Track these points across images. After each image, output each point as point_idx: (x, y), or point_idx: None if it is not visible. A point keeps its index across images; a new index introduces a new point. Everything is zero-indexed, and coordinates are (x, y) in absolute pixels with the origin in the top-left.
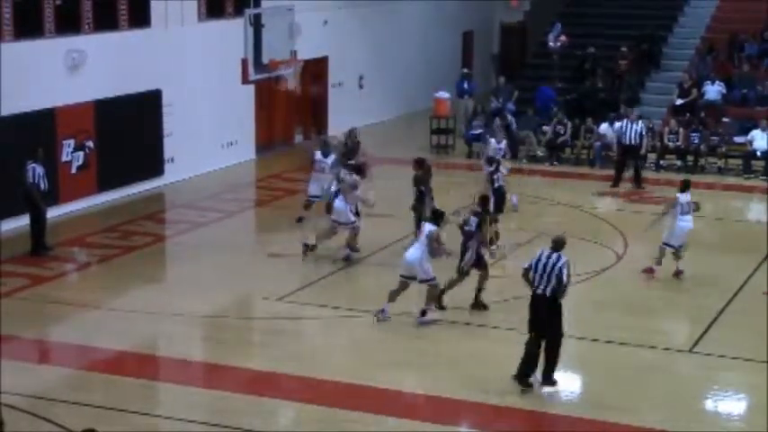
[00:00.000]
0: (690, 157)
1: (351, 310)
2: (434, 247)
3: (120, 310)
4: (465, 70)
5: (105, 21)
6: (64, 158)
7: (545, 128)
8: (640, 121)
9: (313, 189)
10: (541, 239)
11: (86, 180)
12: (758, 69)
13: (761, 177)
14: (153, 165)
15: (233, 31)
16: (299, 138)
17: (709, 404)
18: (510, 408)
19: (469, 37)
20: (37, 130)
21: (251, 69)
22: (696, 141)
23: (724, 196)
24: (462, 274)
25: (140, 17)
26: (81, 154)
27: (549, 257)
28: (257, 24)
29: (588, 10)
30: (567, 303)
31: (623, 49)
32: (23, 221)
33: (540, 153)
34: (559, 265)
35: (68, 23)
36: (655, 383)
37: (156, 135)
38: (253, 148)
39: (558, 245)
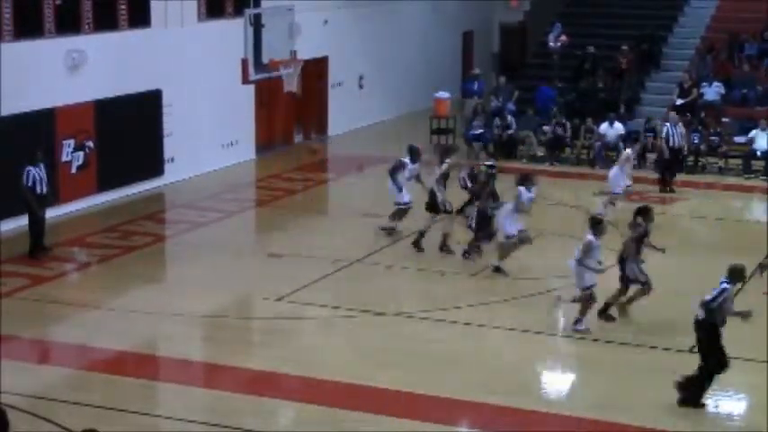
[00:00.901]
0: (690, 157)
1: (351, 310)
2: (583, 256)
3: (120, 310)
4: (477, 71)
5: (105, 21)
6: (64, 158)
7: (545, 128)
8: (680, 124)
9: (405, 197)
10: (541, 239)
11: (86, 180)
12: (758, 69)
13: (761, 177)
14: (153, 165)
15: (233, 31)
16: (298, 138)
17: (710, 404)
18: (510, 408)
19: (469, 37)
20: (37, 130)
21: (251, 69)
22: (696, 141)
23: (724, 196)
24: (624, 286)
25: (140, 17)
26: (81, 154)
27: (719, 284)
28: (257, 24)
29: (588, 10)
30: (566, 303)
31: (623, 48)
32: (23, 221)
33: (540, 153)
34: (716, 291)
35: (68, 23)
36: (655, 383)
37: (156, 135)
38: (253, 148)
39: (730, 273)
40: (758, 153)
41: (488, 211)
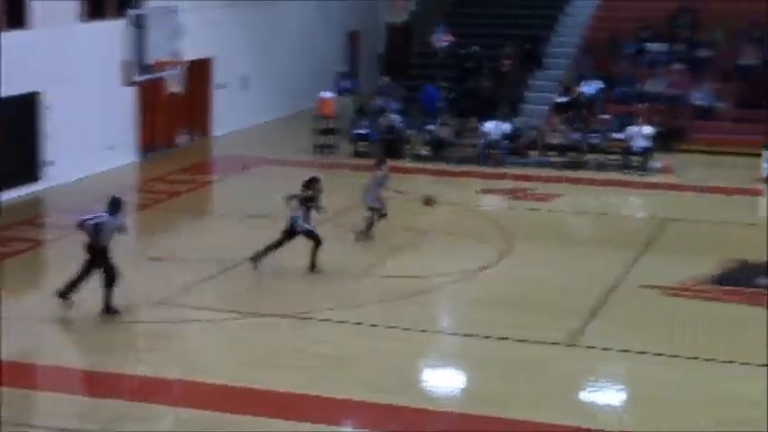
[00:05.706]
0: (571, 154)
1: (234, 312)
2: None
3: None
4: (343, 68)
5: None
6: None
7: (429, 127)
8: None
9: None
10: (426, 237)
11: None
12: (636, 67)
13: (638, 173)
14: (30, 168)
15: (115, 32)
16: (182, 139)
17: (592, 396)
18: (396, 406)
19: (356, 37)
20: None
21: (134, 71)
22: (577, 138)
23: (604, 192)
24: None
25: (17, 18)
26: None
27: None
28: (140, 25)
29: (473, 10)
30: (450, 301)
31: (507, 49)
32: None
33: (424, 152)
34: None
35: None
36: (542, 378)
37: (33, 138)
38: (135, 151)
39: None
40: (634, 149)
41: None
